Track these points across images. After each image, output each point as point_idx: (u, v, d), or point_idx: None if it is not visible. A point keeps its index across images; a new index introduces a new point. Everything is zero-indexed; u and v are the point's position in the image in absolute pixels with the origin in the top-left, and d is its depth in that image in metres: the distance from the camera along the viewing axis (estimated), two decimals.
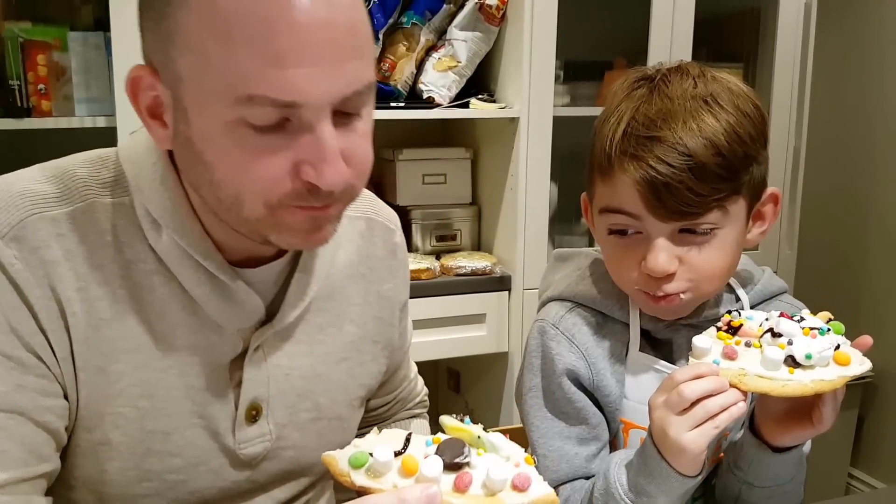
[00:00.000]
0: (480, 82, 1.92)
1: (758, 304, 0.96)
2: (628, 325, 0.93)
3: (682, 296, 0.85)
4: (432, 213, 1.94)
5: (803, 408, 0.79)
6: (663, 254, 0.82)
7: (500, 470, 0.53)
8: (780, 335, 0.75)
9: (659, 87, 0.84)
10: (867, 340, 0.76)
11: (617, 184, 0.83)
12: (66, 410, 0.71)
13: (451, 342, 1.85)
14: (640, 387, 0.90)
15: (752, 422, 0.85)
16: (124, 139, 0.76)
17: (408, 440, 0.56)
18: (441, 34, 1.85)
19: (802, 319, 0.77)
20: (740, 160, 0.81)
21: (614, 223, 0.86)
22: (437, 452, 0.54)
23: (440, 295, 1.81)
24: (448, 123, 2.12)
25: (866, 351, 0.76)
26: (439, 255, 1.92)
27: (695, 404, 0.73)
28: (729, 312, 0.81)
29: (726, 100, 0.82)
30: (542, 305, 1.00)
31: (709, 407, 0.73)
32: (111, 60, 1.53)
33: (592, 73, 1.99)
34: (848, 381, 0.74)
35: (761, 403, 0.83)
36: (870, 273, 2.34)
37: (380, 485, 0.53)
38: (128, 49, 1.46)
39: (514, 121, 1.81)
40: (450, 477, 0.53)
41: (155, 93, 0.65)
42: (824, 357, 0.73)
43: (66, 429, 0.72)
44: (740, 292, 0.95)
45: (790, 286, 2.11)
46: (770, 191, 0.89)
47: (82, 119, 1.58)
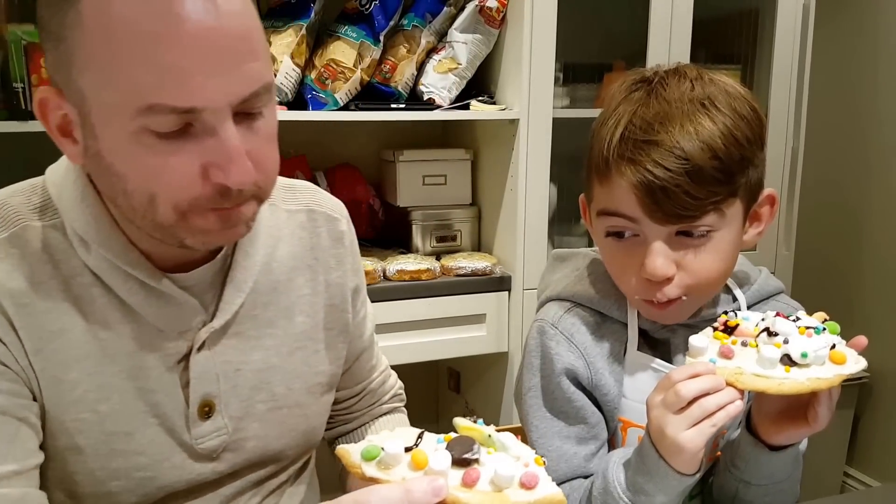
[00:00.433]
0: (480, 84, 1.92)
1: (754, 304, 0.96)
2: (626, 325, 0.93)
3: (683, 298, 0.85)
4: (432, 214, 1.94)
5: (799, 407, 0.79)
6: (660, 258, 0.82)
7: (508, 467, 0.53)
8: (776, 334, 0.75)
9: (656, 90, 0.84)
10: (862, 340, 0.76)
11: (614, 187, 0.83)
12: (38, 410, 0.74)
13: (452, 342, 1.85)
14: (639, 386, 0.90)
15: (748, 421, 0.85)
16: (52, 165, 0.79)
17: (420, 437, 0.56)
18: (441, 36, 1.85)
19: (798, 319, 0.77)
20: (737, 163, 0.81)
21: (612, 225, 0.86)
22: (447, 448, 0.55)
23: (440, 295, 1.81)
24: (448, 125, 2.13)
25: (861, 351, 0.76)
26: (439, 255, 1.91)
27: (692, 403, 0.73)
28: (725, 313, 0.81)
29: (723, 102, 0.82)
30: (541, 305, 1.00)
31: (706, 405, 0.73)
32: None
33: (592, 75, 1.98)
34: (844, 380, 0.74)
35: (758, 402, 0.83)
36: (866, 274, 2.34)
37: (389, 476, 0.54)
38: None
39: (513, 122, 1.81)
40: (458, 472, 0.54)
41: (63, 111, 0.68)
42: (820, 356, 0.73)
43: (42, 428, 0.75)
44: (737, 292, 0.95)
45: (787, 287, 2.11)
46: (766, 192, 0.89)
47: None
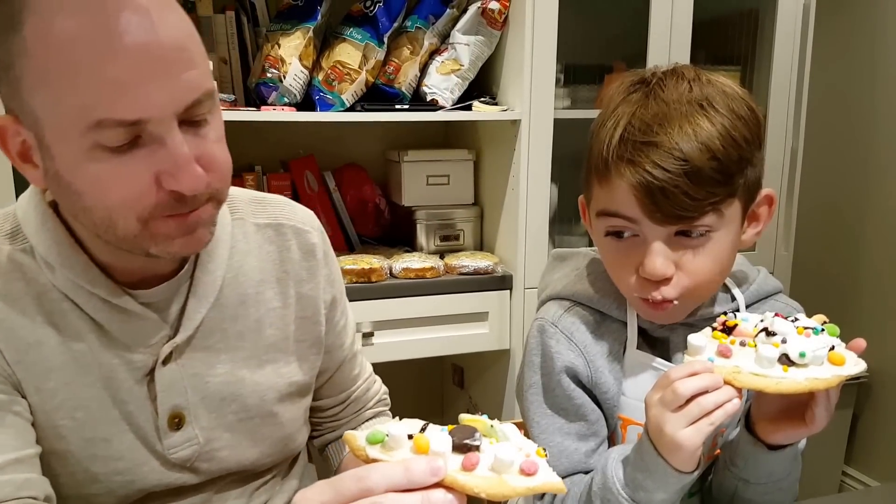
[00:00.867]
0: (483, 85, 1.92)
1: (753, 304, 0.96)
2: (626, 324, 0.93)
3: (675, 302, 0.85)
4: (436, 214, 1.95)
5: (797, 407, 0.79)
6: (660, 258, 0.82)
7: (508, 453, 0.54)
8: (774, 334, 0.75)
9: (655, 91, 0.84)
10: (861, 343, 0.76)
11: (614, 188, 0.83)
12: (28, 407, 0.77)
13: (455, 339, 1.86)
14: (638, 384, 0.91)
15: (747, 420, 0.85)
16: (24, 192, 0.81)
17: (424, 428, 0.57)
18: (444, 38, 1.86)
19: (797, 320, 0.77)
20: (735, 163, 0.81)
21: (611, 226, 0.86)
22: (449, 434, 0.56)
23: (444, 293, 1.82)
24: (451, 125, 2.14)
25: (860, 354, 0.76)
26: (443, 254, 1.92)
27: (690, 401, 0.73)
28: (725, 313, 0.81)
29: (721, 103, 0.82)
30: (542, 304, 1.00)
31: (703, 404, 0.73)
32: None
33: (592, 76, 1.98)
34: (842, 381, 0.73)
35: (757, 402, 0.83)
36: (865, 274, 2.33)
37: (390, 458, 0.55)
38: None
39: (515, 123, 1.81)
40: (459, 457, 0.54)
41: (21, 137, 0.70)
42: (818, 356, 0.73)
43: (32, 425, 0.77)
44: (735, 292, 0.95)
45: (786, 287, 2.12)
46: (765, 192, 0.89)
47: None
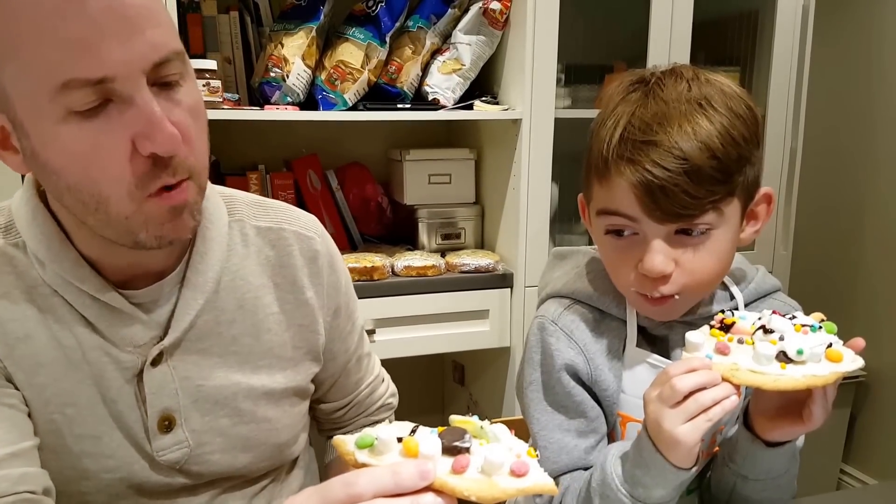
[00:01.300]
0: (484, 85, 1.93)
1: (752, 303, 0.96)
2: (625, 322, 0.93)
3: (676, 297, 0.85)
4: (438, 212, 1.96)
5: (795, 405, 0.79)
6: (660, 255, 0.83)
7: (498, 454, 0.53)
8: (772, 331, 0.75)
9: (654, 91, 0.84)
10: (859, 342, 0.76)
11: (614, 187, 0.83)
12: (23, 399, 0.76)
13: (456, 336, 1.86)
14: (637, 382, 0.91)
15: (746, 417, 0.85)
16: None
17: (414, 430, 0.56)
18: (446, 38, 1.86)
19: (794, 318, 0.77)
20: (734, 162, 0.81)
21: (611, 224, 0.86)
22: (438, 437, 0.55)
23: (445, 291, 1.82)
24: (452, 125, 2.14)
25: (858, 352, 0.75)
26: (444, 252, 1.93)
27: (688, 397, 0.73)
28: (723, 311, 0.81)
29: (720, 102, 0.82)
30: (542, 302, 1.00)
31: (701, 400, 0.73)
32: None
33: (593, 76, 1.98)
34: (840, 378, 0.73)
35: (755, 399, 0.84)
36: (864, 274, 2.34)
37: (380, 462, 0.54)
38: None
39: (516, 122, 1.81)
40: (448, 460, 0.54)
41: None
42: (816, 353, 0.73)
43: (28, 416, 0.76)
44: (734, 290, 0.95)
45: (785, 286, 2.13)
46: (763, 190, 0.89)
47: None
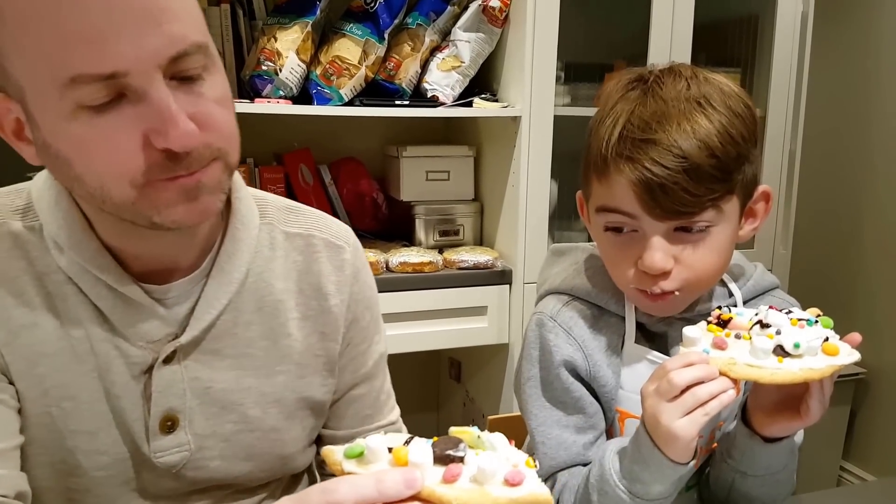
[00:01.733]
0: (483, 82, 1.92)
1: (750, 300, 0.96)
2: (624, 318, 0.94)
3: (676, 293, 0.86)
4: (436, 209, 1.95)
5: (793, 400, 0.80)
6: (659, 252, 0.83)
7: (491, 463, 0.51)
8: (768, 326, 0.75)
9: (653, 89, 0.84)
10: (856, 336, 0.76)
11: (613, 184, 0.84)
12: (15, 393, 0.74)
13: (453, 333, 1.86)
14: (636, 377, 0.91)
15: (744, 413, 0.86)
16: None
17: (408, 442, 0.54)
18: (445, 35, 1.85)
19: (790, 313, 0.77)
20: (733, 160, 0.82)
21: (610, 221, 0.87)
22: (432, 446, 0.53)
23: (443, 287, 1.82)
24: (451, 122, 2.13)
25: (856, 346, 0.76)
26: (442, 249, 1.93)
27: (685, 392, 0.74)
28: (720, 307, 0.82)
29: (718, 101, 0.83)
30: (540, 299, 1.00)
31: (698, 394, 0.73)
32: None
33: (593, 74, 1.98)
34: (837, 371, 0.74)
35: (753, 394, 0.84)
36: (863, 273, 2.35)
37: (366, 472, 0.52)
38: None
39: (515, 120, 1.81)
40: (441, 469, 0.52)
41: (13, 115, 0.67)
42: (813, 347, 0.73)
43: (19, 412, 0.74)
44: (733, 287, 0.95)
45: (784, 285, 2.13)
46: (762, 188, 0.90)
47: None
